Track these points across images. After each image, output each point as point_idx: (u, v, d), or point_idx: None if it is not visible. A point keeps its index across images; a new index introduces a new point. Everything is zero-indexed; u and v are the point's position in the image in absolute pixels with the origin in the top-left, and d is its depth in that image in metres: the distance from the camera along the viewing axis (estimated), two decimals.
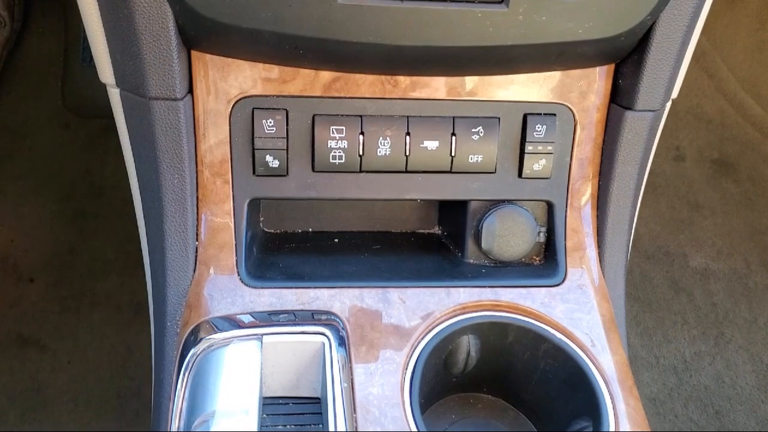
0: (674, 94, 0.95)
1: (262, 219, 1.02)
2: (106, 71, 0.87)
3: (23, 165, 2.19)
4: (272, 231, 1.03)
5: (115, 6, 0.78)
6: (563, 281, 0.95)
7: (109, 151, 2.21)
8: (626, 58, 0.89)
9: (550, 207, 0.97)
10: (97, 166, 2.20)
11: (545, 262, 0.98)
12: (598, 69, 0.92)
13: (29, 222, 2.11)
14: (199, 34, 0.81)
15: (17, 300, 2.02)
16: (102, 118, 2.16)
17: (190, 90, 0.86)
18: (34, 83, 2.26)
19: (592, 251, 0.97)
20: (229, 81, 0.87)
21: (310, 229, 1.04)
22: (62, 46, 2.27)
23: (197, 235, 0.91)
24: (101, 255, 2.07)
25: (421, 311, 0.89)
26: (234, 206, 0.91)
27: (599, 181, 0.96)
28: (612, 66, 0.92)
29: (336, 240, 1.03)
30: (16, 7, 2.19)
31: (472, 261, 0.98)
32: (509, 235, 0.95)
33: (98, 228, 2.12)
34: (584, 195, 0.96)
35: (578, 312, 0.92)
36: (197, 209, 0.91)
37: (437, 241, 1.06)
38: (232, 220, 0.91)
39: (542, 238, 0.98)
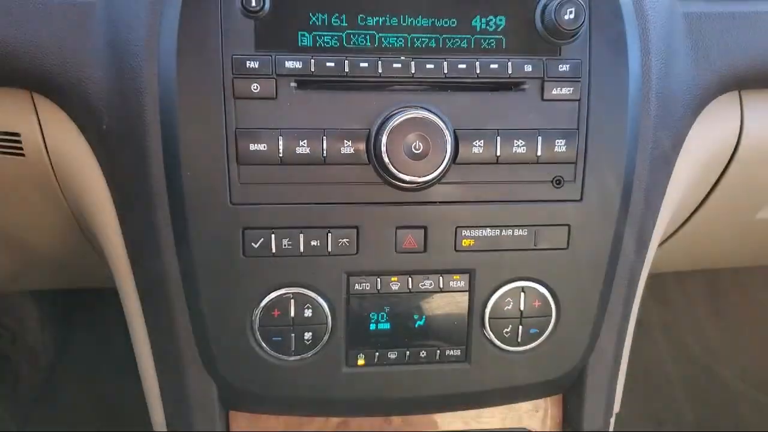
0: (616, 409, 1.17)
1: None
2: (158, 424, 1.08)
3: None
4: None
5: (172, 386, 1.02)
6: None
7: None
8: (570, 388, 1.11)
9: None
10: None
11: None
12: (551, 398, 1.14)
13: None
14: (236, 401, 1.04)
15: None
16: None
17: None
18: None
19: None
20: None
21: None
22: None
23: None
24: None
25: None
26: None
27: None
28: (561, 396, 1.14)
29: None
30: None
31: None
32: None
33: None
34: None
35: None
36: None
37: None
38: None
39: None
